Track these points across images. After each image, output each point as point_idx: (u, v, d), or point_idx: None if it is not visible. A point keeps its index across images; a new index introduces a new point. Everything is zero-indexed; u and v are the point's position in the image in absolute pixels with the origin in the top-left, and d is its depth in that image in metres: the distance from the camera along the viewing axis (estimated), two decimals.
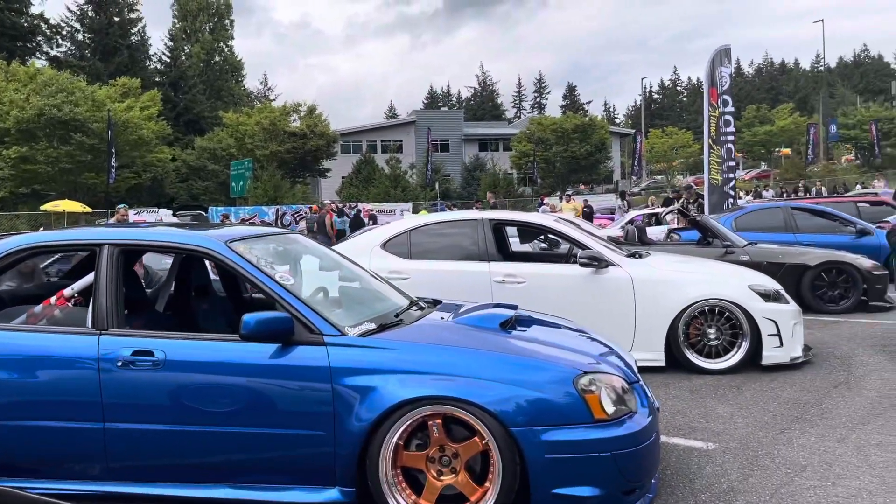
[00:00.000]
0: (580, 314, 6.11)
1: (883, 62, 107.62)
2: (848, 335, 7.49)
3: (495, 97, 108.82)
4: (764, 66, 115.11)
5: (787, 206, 12.17)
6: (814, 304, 8.88)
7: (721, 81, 13.75)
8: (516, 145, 47.11)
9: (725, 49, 13.83)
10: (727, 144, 13.75)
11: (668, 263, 6.55)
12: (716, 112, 13.73)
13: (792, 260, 8.99)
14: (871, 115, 51.55)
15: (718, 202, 13.74)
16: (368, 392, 3.33)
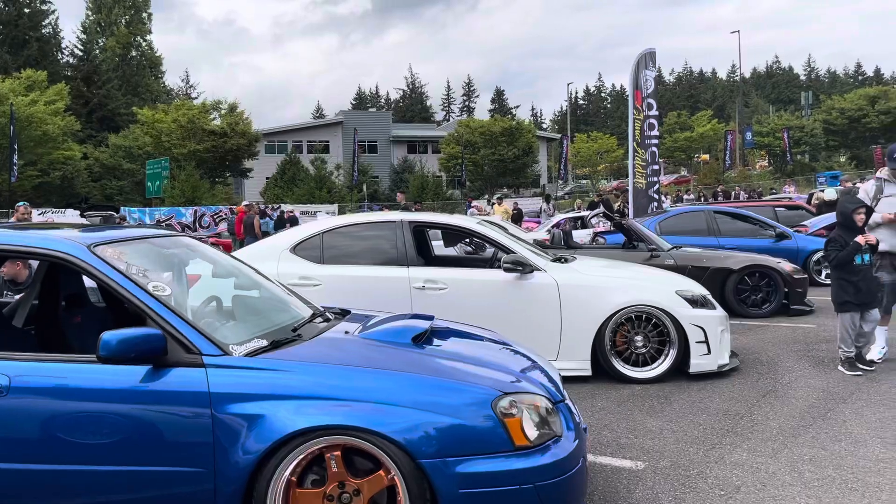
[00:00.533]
0: (504, 322, 5.79)
1: (793, 73, 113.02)
2: (772, 340, 7.43)
3: (424, 99, 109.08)
4: (684, 74, 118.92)
5: (709, 210, 12.24)
6: (737, 308, 8.84)
7: (645, 85, 13.78)
8: (445, 147, 46.89)
9: (650, 52, 13.87)
10: (651, 148, 13.78)
11: (595, 268, 6.29)
12: (640, 115, 13.75)
13: (716, 264, 8.94)
14: (783, 123, 53.78)
15: (643, 205, 13.75)
16: (256, 421, 2.86)
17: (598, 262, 6.86)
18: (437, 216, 6.95)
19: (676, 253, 9.10)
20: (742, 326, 8.21)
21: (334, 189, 40.37)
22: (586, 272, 6.05)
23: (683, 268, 8.86)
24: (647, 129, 13.73)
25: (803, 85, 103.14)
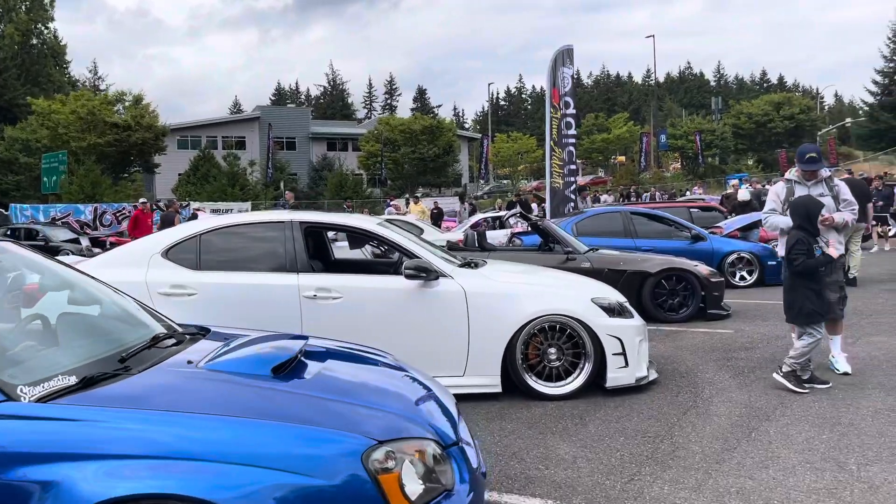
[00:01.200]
0: (406, 334, 5.21)
1: (704, 79, 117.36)
2: (690, 347, 7.12)
3: (346, 97, 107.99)
4: (601, 77, 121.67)
5: (626, 211, 12.02)
6: (654, 313, 8.55)
7: (563, 83, 13.47)
8: (364, 145, 45.99)
9: (568, 49, 13.57)
10: (568, 147, 13.49)
11: (506, 274, 5.77)
12: (557, 114, 13.43)
13: (633, 267, 8.62)
14: (695, 126, 55.43)
15: (560, 206, 13.44)
16: (49, 490, 2.16)
17: (511, 266, 6.36)
18: (331, 216, 6.28)
19: (593, 255, 8.74)
20: (659, 332, 7.90)
21: (248, 186, 38.82)
22: (497, 278, 5.52)
23: (600, 271, 8.50)
24: (564, 128, 13.43)
25: (713, 90, 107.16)
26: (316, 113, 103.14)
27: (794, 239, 5.33)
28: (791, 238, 5.38)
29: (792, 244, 5.31)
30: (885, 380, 5.59)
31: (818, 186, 5.86)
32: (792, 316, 5.44)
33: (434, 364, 5.14)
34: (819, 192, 5.84)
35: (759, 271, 11.44)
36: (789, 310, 5.46)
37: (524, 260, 8.61)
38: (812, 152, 5.83)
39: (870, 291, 10.27)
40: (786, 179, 6.08)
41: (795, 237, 5.33)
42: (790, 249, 5.33)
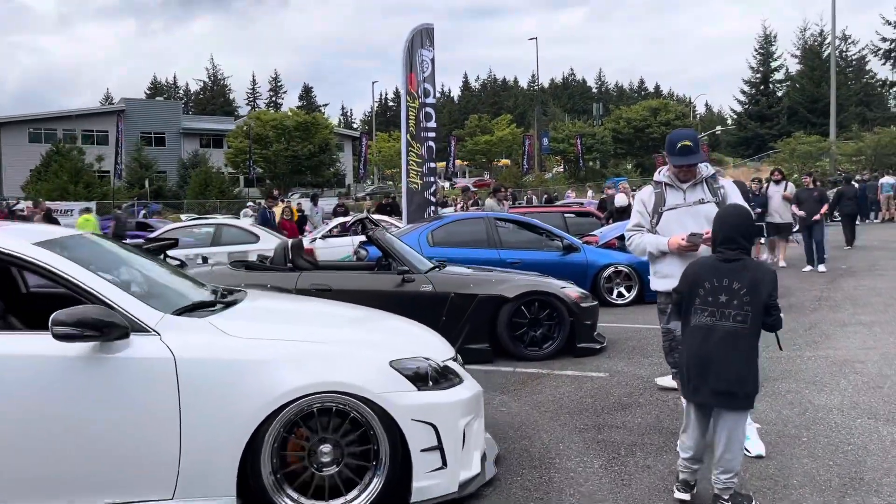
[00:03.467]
0: (56, 439, 3.05)
1: (587, 86, 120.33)
2: (551, 404, 5.32)
3: (227, 92, 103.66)
4: (488, 82, 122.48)
5: (489, 217, 10.25)
6: (512, 349, 6.76)
7: (421, 67, 11.59)
8: (232, 141, 42.65)
9: (427, 29, 11.69)
10: (428, 142, 11.63)
11: (259, 322, 3.69)
12: (415, 103, 11.53)
13: (486, 290, 6.77)
14: (576, 130, 55.54)
15: (419, 210, 11.55)
16: None
17: (279, 304, 4.30)
18: None
19: (437, 276, 6.85)
20: (514, 377, 6.09)
21: (95, 184, 34.76)
22: (239, 332, 3.42)
23: (444, 296, 6.63)
24: (423, 120, 11.55)
25: (595, 97, 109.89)
26: (196, 109, 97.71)
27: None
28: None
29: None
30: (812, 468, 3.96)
31: (697, 190, 4.18)
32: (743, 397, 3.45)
33: (113, 485, 3.03)
34: (698, 196, 4.15)
35: (639, 287, 9.96)
36: (741, 384, 3.40)
37: (347, 282, 6.61)
38: (686, 139, 4.10)
39: None
40: (655, 182, 4.36)
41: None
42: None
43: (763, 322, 3.40)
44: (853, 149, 34.16)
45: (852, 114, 47.95)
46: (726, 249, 3.47)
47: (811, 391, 5.41)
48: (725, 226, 3.54)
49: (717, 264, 3.48)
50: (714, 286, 3.41)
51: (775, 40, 58.10)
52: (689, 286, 3.50)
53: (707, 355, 3.39)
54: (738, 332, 3.34)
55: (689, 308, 3.49)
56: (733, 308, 3.36)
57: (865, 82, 56.48)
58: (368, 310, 4.61)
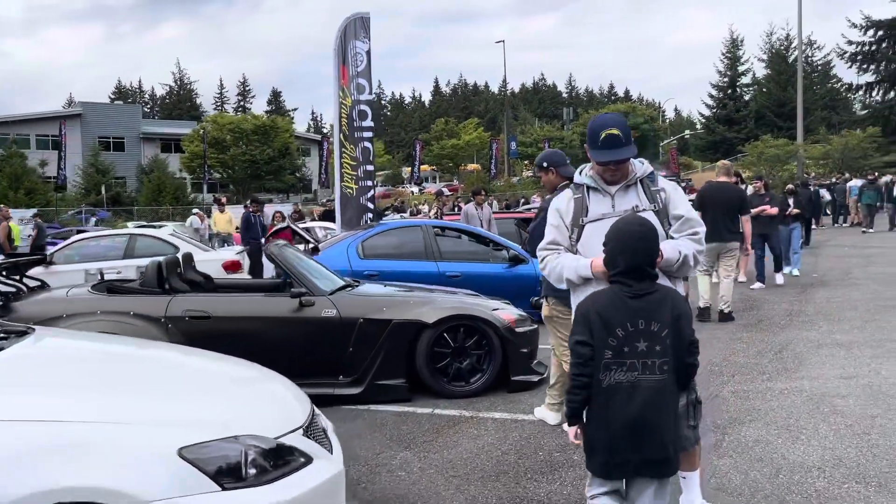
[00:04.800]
0: None
1: (557, 91, 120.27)
2: (464, 465, 4.23)
3: (194, 97, 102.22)
4: (459, 86, 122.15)
5: (427, 226, 9.18)
6: (433, 384, 5.67)
7: (355, 60, 10.48)
8: (188, 145, 41.11)
9: (362, 18, 10.59)
10: (364, 143, 10.51)
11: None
12: (348, 100, 10.42)
13: (402, 315, 5.67)
14: (544, 134, 54.83)
15: (354, 217, 10.44)
16: None
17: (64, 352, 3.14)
18: None
19: (344, 298, 5.75)
20: (428, 425, 5.00)
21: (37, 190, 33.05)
22: None
23: (351, 322, 5.55)
24: (357, 118, 10.44)
25: (565, 101, 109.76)
26: (162, 113, 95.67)
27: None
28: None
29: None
30: None
31: (630, 194, 3.14)
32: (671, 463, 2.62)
33: None
34: (631, 203, 3.10)
35: None
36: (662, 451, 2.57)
37: (230, 307, 5.50)
38: (612, 126, 3.03)
39: (725, 331, 8.01)
40: (574, 185, 3.31)
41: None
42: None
43: (683, 363, 2.59)
44: (820, 152, 33.77)
45: (818, 117, 47.88)
46: (633, 281, 2.55)
47: (785, 441, 4.41)
48: (628, 250, 2.59)
49: (625, 301, 2.54)
50: (629, 332, 2.51)
51: (742, 45, 58.11)
52: (596, 334, 2.52)
53: (636, 421, 2.50)
54: (667, 386, 2.55)
55: (598, 363, 2.52)
56: (656, 356, 2.50)
57: (831, 86, 56.56)
58: (197, 355, 3.49)
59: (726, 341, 7.48)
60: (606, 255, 2.69)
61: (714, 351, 7.05)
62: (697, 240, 3.10)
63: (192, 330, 5.28)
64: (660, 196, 3.14)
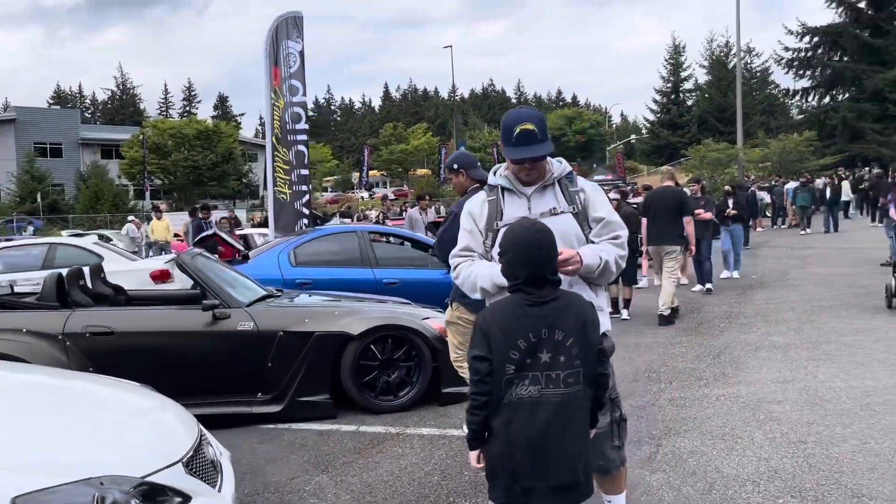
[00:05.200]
0: None
1: (506, 96, 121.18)
2: (383, 488, 3.94)
3: (137, 102, 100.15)
4: (409, 92, 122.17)
5: (363, 232, 8.85)
6: (359, 399, 5.37)
7: (288, 60, 10.11)
8: (127, 151, 39.83)
9: (294, 17, 10.23)
10: (297, 146, 10.14)
11: None
12: (280, 101, 10.03)
13: (325, 326, 5.35)
14: (493, 138, 54.97)
15: (289, 223, 10.05)
16: None
17: None
18: None
19: (262, 310, 5.40)
20: (351, 444, 4.68)
21: None
22: None
23: (270, 335, 5.20)
24: (290, 121, 10.06)
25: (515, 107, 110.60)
26: (104, 119, 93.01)
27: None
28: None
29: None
30: None
31: (547, 195, 2.91)
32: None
33: None
34: (548, 205, 2.87)
35: None
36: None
37: (136, 322, 5.10)
38: (527, 121, 2.78)
39: (665, 336, 7.90)
40: (489, 187, 3.06)
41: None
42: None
43: (592, 374, 2.35)
44: (759, 155, 34.50)
45: (758, 122, 49.01)
46: (534, 289, 2.33)
47: (720, 452, 4.24)
48: (528, 260, 2.35)
49: (525, 310, 2.32)
50: (531, 342, 2.28)
51: (685, 51, 59.16)
52: (496, 347, 2.29)
53: (540, 441, 2.27)
54: (573, 400, 2.30)
55: (499, 379, 2.29)
56: (561, 367, 2.27)
57: (769, 92, 58.10)
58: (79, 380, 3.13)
59: (666, 346, 7.36)
60: (504, 265, 2.45)
61: (653, 356, 6.92)
62: (619, 244, 2.88)
63: (93, 347, 4.87)
64: (579, 197, 2.91)
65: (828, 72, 43.71)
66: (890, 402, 4.98)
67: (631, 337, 7.89)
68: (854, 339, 7.06)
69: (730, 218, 11.86)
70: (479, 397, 2.32)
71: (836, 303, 9.22)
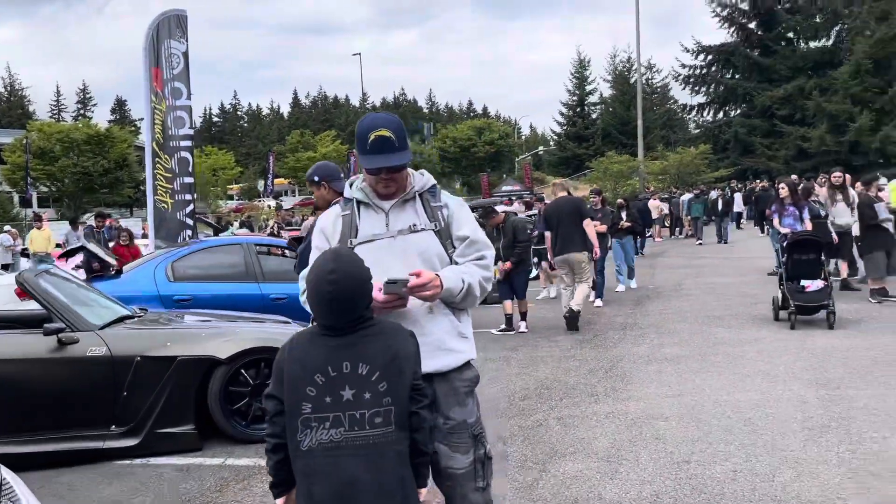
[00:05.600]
0: None
1: (418, 106, 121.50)
2: None
3: (26, 104, 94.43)
4: (319, 99, 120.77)
5: (249, 244, 8.36)
6: (229, 429, 4.93)
7: (170, 62, 9.49)
8: (9, 156, 37.26)
9: (178, 15, 9.62)
10: (181, 153, 9.52)
11: None
12: (162, 105, 9.40)
13: (190, 350, 4.89)
14: None
15: (171, 235, 9.41)
16: None
17: None
18: None
19: (118, 332, 4.88)
20: (212, 480, 4.24)
21: None
22: None
23: (126, 361, 4.71)
24: (172, 126, 9.44)
25: (426, 116, 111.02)
26: None
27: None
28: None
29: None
30: None
31: (407, 210, 2.60)
32: None
33: None
34: (408, 221, 2.57)
35: None
36: None
37: None
38: (384, 128, 2.47)
39: (561, 348, 7.79)
40: (344, 200, 2.74)
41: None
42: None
43: (406, 414, 2.04)
44: (659, 168, 35.77)
45: (658, 136, 50.89)
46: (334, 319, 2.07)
47: (604, 476, 4.06)
48: (322, 311, 2.07)
49: (325, 340, 2.05)
50: (330, 377, 1.99)
51: (589, 66, 60.84)
52: (289, 383, 2.02)
53: (348, 493, 1.96)
54: (383, 444, 1.99)
55: (294, 423, 2.00)
56: (367, 406, 1.98)
57: (669, 107, 60.54)
58: None
59: (560, 359, 7.25)
60: (310, 294, 2.16)
61: (547, 371, 6.79)
62: (485, 265, 2.62)
63: None
64: (441, 213, 2.63)
65: (721, 88, 45.98)
66: (771, 417, 4.98)
67: (527, 350, 7.76)
68: (741, 350, 7.15)
69: (623, 230, 11.98)
70: (271, 439, 2.07)
71: (726, 313, 9.42)
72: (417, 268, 2.43)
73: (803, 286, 8.27)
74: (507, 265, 8.57)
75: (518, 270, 8.66)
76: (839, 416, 4.90)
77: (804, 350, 6.99)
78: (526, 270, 8.85)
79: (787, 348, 7.13)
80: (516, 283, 8.73)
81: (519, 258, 8.60)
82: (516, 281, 8.71)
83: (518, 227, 8.68)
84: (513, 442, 4.70)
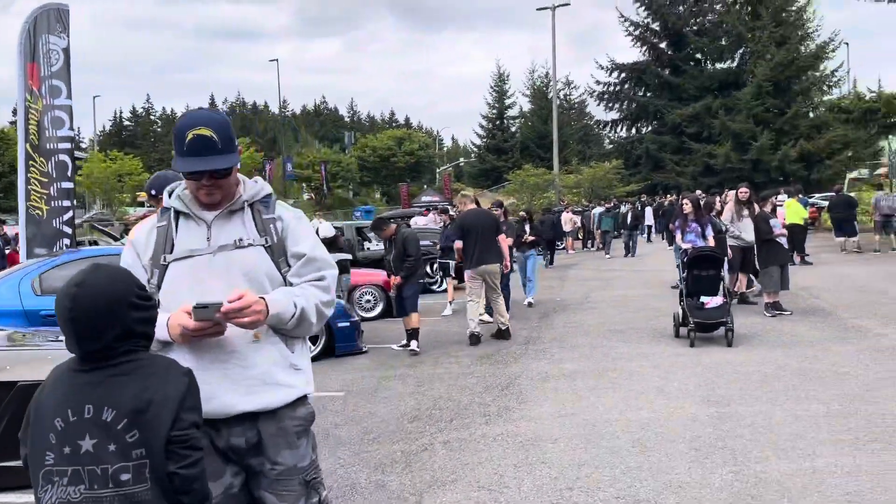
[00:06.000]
0: None
1: (339, 114, 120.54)
2: None
3: None
4: (237, 104, 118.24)
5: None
6: None
7: (49, 58, 8.79)
8: None
9: (59, 9, 8.92)
10: (59, 155, 8.81)
11: None
12: (38, 104, 8.69)
13: (33, 374, 4.38)
14: (321, 156, 53.91)
15: (47, 243, 8.68)
16: None
17: None
18: None
19: None
20: None
21: None
22: None
23: None
24: (50, 127, 8.73)
25: (347, 125, 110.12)
26: None
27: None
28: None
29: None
30: None
31: (234, 222, 2.28)
32: None
33: None
34: (234, 235, 2.26)
35: (327, 339, 8.20)
36: None
37: None
38: (204, 126, 2.16)
39: (462, 365, 7.56)
40: (162, 210, 2.36)
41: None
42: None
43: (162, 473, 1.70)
44: (573, 181, 36.45)
45: (574, 150, 51.96)
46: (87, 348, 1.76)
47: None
48: (64, 332, 1.76)
49: (71, 377, 1.74)
50: (70, 423, 1.68)
51: (509, 80, 61.60)
52: (33, 427, 1.74)
53: None
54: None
55: (36, 475, 1.70)
56: (111, 460, 1.65)
57: (585, 122, 61.97)
58: None
59: (457, 376, 7.02)
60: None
61: (442, 389, 6.54)
62: (324, 287, 2.32)
63: None
64: (275, 227, 2.32)
65: (633, 105, 47.32)
66: (660, 436, 4.88)
67: (425, 368, 7.50)
68: (638, 366, 7.10)
69: (526, 244, 11.90)
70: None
71: (627, 326, 9.43)
72: (242, 289, 2.12)
73: (703, 303, 8.33)
74: (397, 279, 8.31)
75: (407, 284, 8.35)
76: (726, 435, 4.84)
77: (699, 366, 7.00)
78: (415, 285, 8.55)
79: (683, 363, 7.12)
80: (406, 297, 8.36)
81: (409, 272, 8.30)
82: (405, 294, 8.35)
83: (409, 240, 8.41)
84: (392, 469, 4.41)
